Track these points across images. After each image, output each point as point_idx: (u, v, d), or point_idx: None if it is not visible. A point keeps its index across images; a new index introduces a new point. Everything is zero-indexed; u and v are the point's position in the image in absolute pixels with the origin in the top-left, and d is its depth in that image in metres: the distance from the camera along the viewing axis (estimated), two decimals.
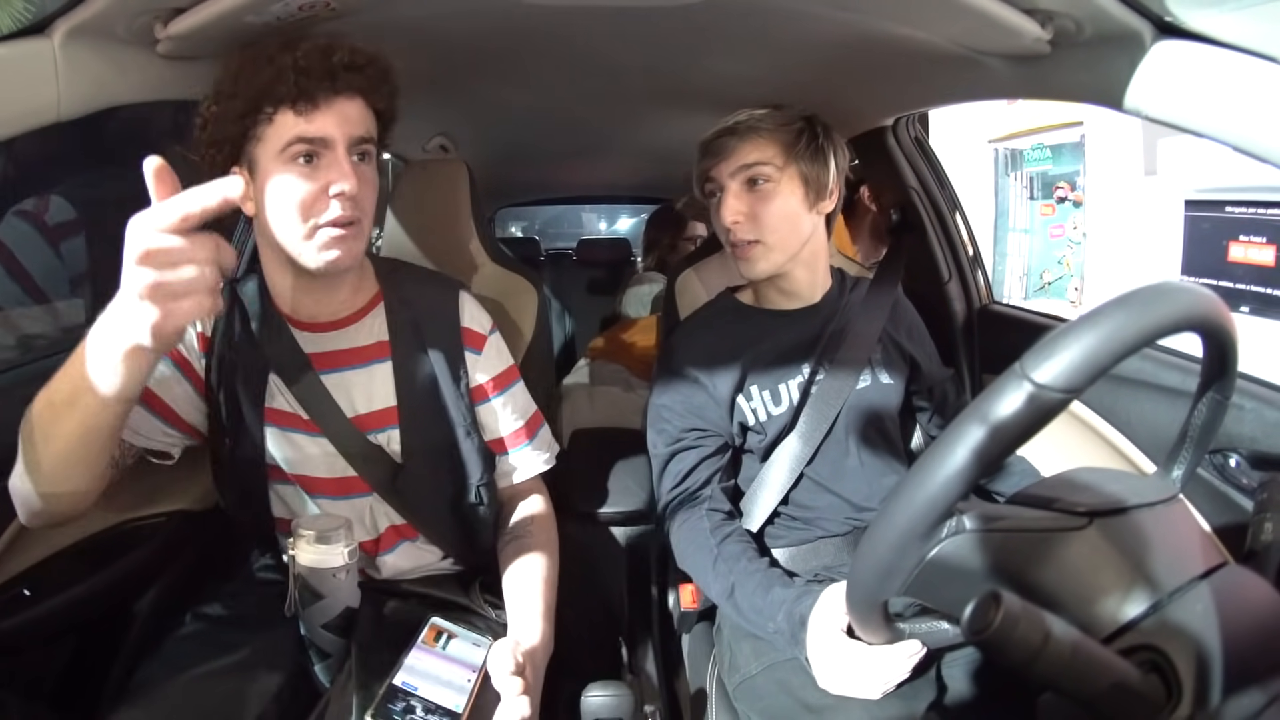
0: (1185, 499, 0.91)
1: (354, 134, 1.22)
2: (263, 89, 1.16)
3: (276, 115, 1.17)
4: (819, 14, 1.30)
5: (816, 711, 1.21)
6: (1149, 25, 1.06)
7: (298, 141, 1.17)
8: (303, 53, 1.17)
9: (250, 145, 1.20)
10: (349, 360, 1.36)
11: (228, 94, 1.18)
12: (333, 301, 1.36)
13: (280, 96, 1.16)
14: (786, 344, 1.54)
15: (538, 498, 1.52)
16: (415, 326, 1.41)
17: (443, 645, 1.16)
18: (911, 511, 0.76)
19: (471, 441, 1.43)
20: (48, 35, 1.04)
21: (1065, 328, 0.69)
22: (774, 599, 1.29)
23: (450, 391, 1.41)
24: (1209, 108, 1.03)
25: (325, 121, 1.19)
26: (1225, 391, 0.86)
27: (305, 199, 1.18)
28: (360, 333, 1.38)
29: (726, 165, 1.46)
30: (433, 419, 1.40)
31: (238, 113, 1.18)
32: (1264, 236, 6.59)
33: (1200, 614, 0.71)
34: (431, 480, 1.41)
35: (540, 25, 1.42)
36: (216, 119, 1.20)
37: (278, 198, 1.19)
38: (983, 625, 0.62)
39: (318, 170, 1.19)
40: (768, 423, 1.51)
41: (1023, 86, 1.36)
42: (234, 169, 1.22)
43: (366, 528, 1.38)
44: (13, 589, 1.35)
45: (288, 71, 1.15)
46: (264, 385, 1.32)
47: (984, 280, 2.16)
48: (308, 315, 1.35)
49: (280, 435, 1.33)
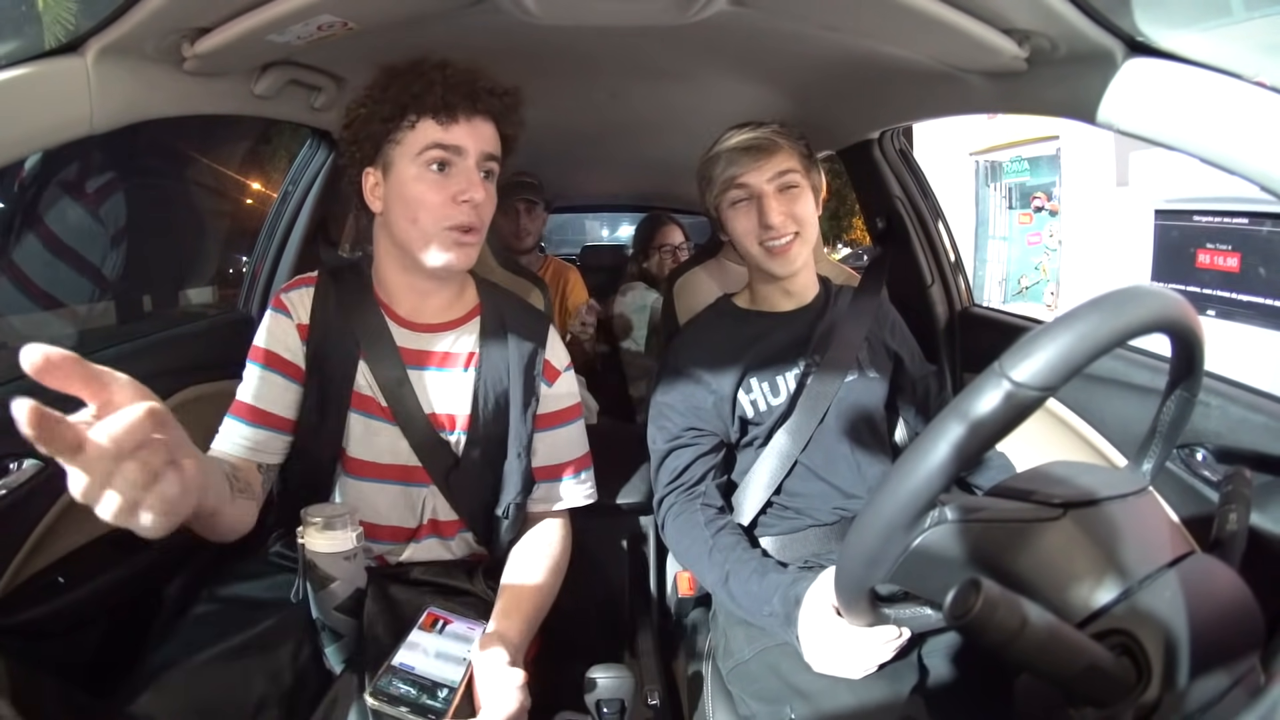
0: (1154, 491, 0.91)
1: (484, 149, 1.29)
2: (410, 97, 1.24)
3: (419, 122, 1.25)
4: (810, 35, 1.30)
5: (805, 694, 1.21)
6: (1121, 44, 1.06)
7: (435, 147, 1.25)
8: (451, 71, 1.25)
9: (388, 147, 1.27)
10: (438, 363, 1.39)
11: (376, 98, 1.27)
12: (436, 304, 1.40)
13: (425, 106, 1.24)
14: (783, 341, 1.57)
15: (562, 529, 1.50)
16: (504, 346, 1.43)
17: (439, 630, 1.17)
18: (896, 503, 0.76)
19: (520, 462, 1.43)
20: (81, 54, 1.05)
21: (1041, 329, 0.69)
22: (769, 583, 1.30)
23: (518, 413, 1.42)
24: (1178, 122, 1.03)
25: (461, 134, 1.26)
26: (1192, 390, 0.86)
27: (435, 202, 1.25)
28: (453, 340, 1.40)
29: (762, 173, 1.48)
30: (495, 433, 1.41)
31: (382, 115, 1.26)
32: (1229, 245, 6.62)
33: (1169, 600, 0.71)
34: (476, 485, 1.42)
35: (549, 43, 1.42)
36: (363, 119, 1.28)
37: (408, 198, 1.26)
38: (963, 610, 0.62)
39: (449, 178, 1.26)
40: (766, 413, 1.53)
41: (1001, 102, 1.36)
42: (368, 169, 1.31)
43: (414, 516, 1.40)
44: (48, 576, 1.35)
45: (436, 85, 1.23)
46: (354, 369, 1.35)
47: (965, 284, 2.16)
48: (409, 313, 1.38)
49: (358, 419, 1.36)
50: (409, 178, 1.25)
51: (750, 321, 1.62)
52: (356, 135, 1.29)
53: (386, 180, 1.28)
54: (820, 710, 1.19)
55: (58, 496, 1.33)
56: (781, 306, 1.62)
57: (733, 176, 1.50)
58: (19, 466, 1.26)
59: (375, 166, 1.30)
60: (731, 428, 1.55)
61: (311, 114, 1.67)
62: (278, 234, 2.09)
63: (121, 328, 2.69)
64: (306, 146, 2.04)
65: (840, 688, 1.18)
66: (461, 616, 1.21)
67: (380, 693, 1.02)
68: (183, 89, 1.25)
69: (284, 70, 1.44)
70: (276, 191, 2.23)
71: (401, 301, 1.38)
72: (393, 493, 1.37)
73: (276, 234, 2.09)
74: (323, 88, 1.58)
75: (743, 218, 1.52)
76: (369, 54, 1.39)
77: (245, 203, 4.01)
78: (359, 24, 1.20)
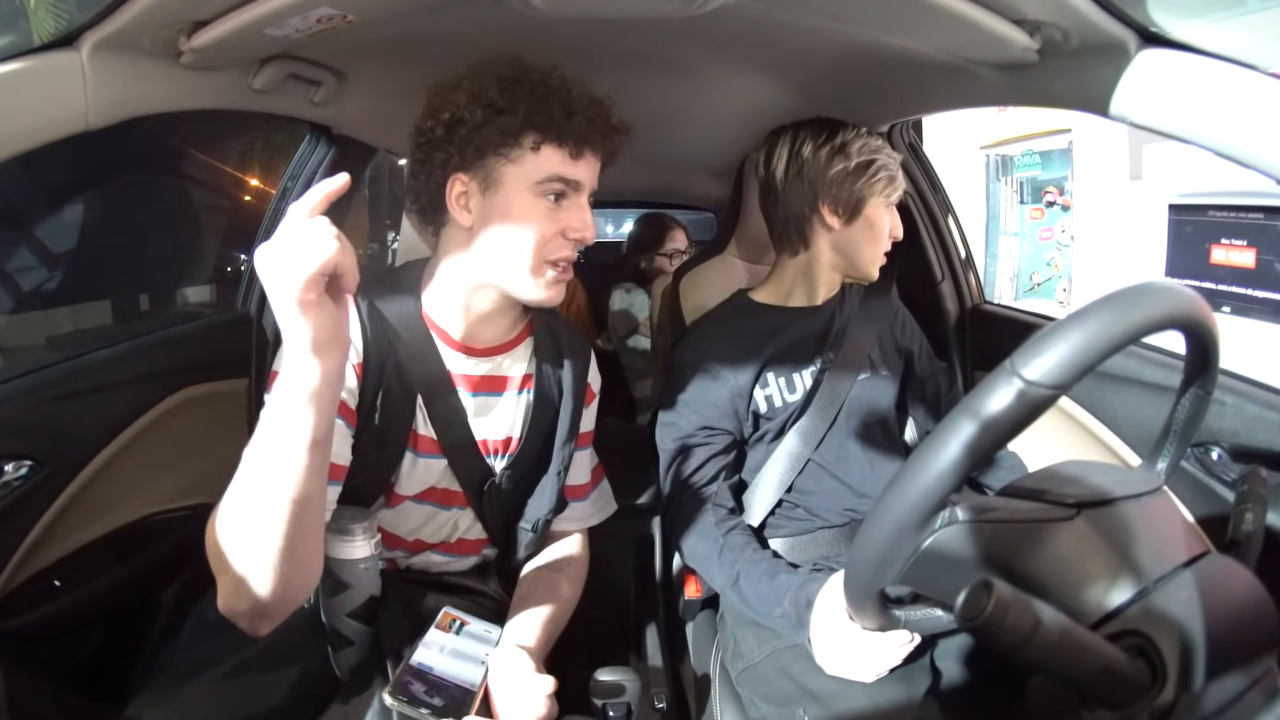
0: (1169, 491, 0.91)
1: (594, 186, 1.25)
2: (543, 120, 1.16)
3: (544, 147, 1.17)
4: (817, 26, 1.30)
5: (818, 697, 1.22)
6: (1134, 35, 1.06)
7: (558, 180, 1.18)
8: (589, 101, 1.20)
9: (498, 162, 1.18)
10: (494, 387, 1.34)
11: (496, 106, 1.16)
12: (498, 329, 1.33)
13: (558, 134, 1.17)
14: (802, 336, 1.59)
15: (581, 544, 1.52)
16: (558, 368, 1.40)
17: (456, 630, 1.17)
18: (906, 503, 0.76)
19: (558, 480, 1.41)
20: (76, 48, 1.05)
21: (1053, 327, 0.69)
22: (780, 585, 1.30)
23: (564, 434, 1.40)
24: (1192, 115, 1.03)
25: (583, 169, 1.21)
26: (1208, 387, 0.86)
27: (545, 233, 1.18)
28: (510, 362, 1.36)
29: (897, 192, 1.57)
30: (538, 453, 1.40)
31: (501, 128, 1.16)
32: (1245, 239, 6.61)
33: (1184, 601, 0.71)
34: (509, 502, 1.40)
35: (551, 38, 1.42)
36: (475, 125, 1.17)
37: (518, 223, 1.18)
38: (975, 612, 0.62)
39: (563, 210, 1.20)
40: (781, 408, 1.55)
41: (1012, 94, 1.36)
42: (458, 175, 1.20)
43: (442, 533, 1.38)
44: (44, 580, 1.35)
45: (576, 115, 1.17)
46: (413, 409, 1.27)
47: (975, 281, 2.16)
48: (468, 337, 1.30)
49: (410, 456, 1.29)
50: (521, 204, 1.18)
51: (769, 316, 1.63)
52: (455, 138, 1.18)
53: (485, 195, 1.19)
54: (834, 712, 1.19)
55: (53, 499, 1.34)
56: (804, 302, 1.64)
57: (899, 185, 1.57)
58: (13, 468, 1.25)
59: (470, 174, 1.19)
60: (745, 423, 1.56)
61: (311, 109, 1.67)
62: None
63: (118, 326, 2.70)
64: (305, 142, 2.03)
65: (854, 690, 1.19)
66: (478, 617, 1.22)
67: (400, 692, 1.03)
68: (179, 84, 1.24)
69: (283, 64, 1.44)
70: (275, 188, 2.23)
71: (458, 323, 1.28)
72: (425, 512, 1.35)
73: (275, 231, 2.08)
74: (322, 82, 1.58)
75: (887, 218, 1.57)
76: (370, 47, 1.39)
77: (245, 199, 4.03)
78: (359, 16, 1.20)
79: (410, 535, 1.36)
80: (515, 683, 1.10)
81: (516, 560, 1.45)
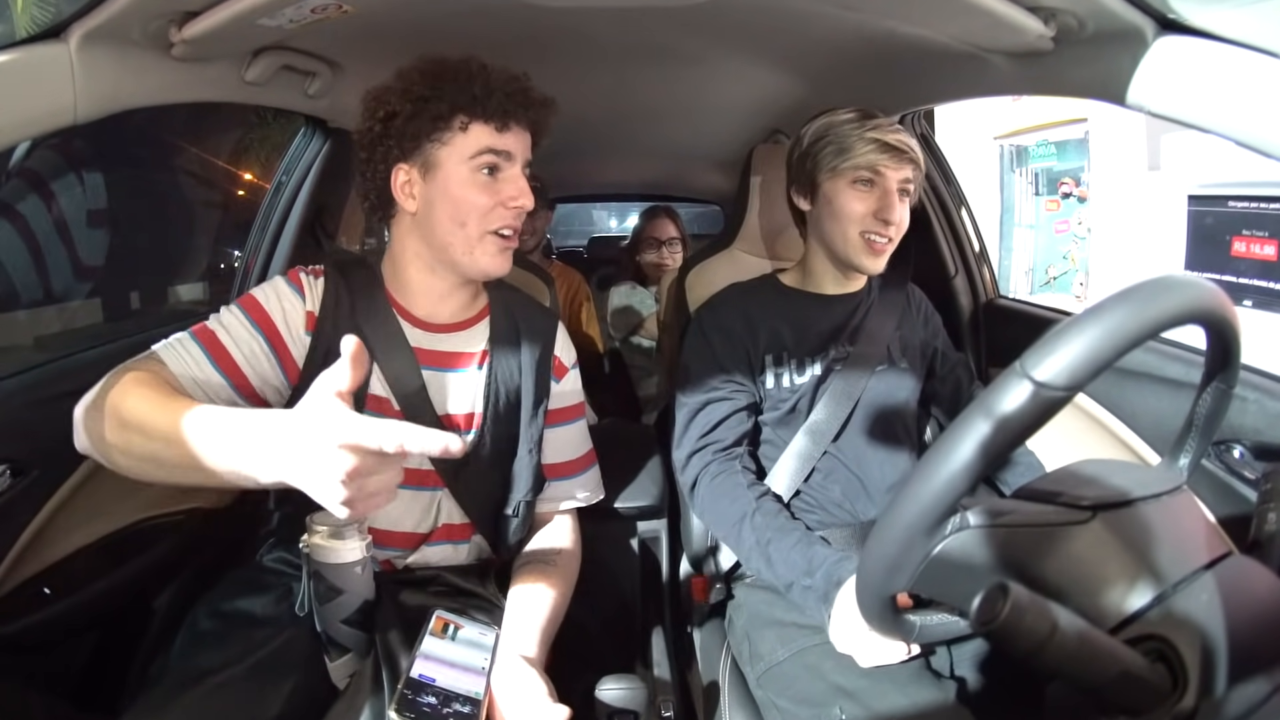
0: (1190, 490, 0.91)
1: (527, 156, 1.35)
2: (467, 100, 1.26)
3: (472, 125, 1.27)
4: (827, 13, 1.30)
5: (851, 694, 1.22)
6: (1151, 21, 1.06)
7: (488, 152, 1.28)
8: (506, 78, 1.29)
9: (432, 147, 1.28)
10: (451, 363, 1.41)
11: (424, 96, 1.26)
12: (453, 305, 1.43)
13: (482, 110, 1.27)
14: (822, 323, 1.62)
15: (571, 530, 1.54)
16: (515, 344, 1.47)
17: (451, 636, 1.17)
18: (916, 508, 0.76)
19: (531, 459, 1.47)
20: (64, 40, 1.05)
21: (1065, 325, 0.68)
22: (817, 555, 1.31)
23: (529, 410, 1.46)
24: (1212, 103, 1.02)
25: (512, 139, 1.31)
26: (1229, 383, 0.86)
27: (486, 206, 1.29)
28: (467, 339, 1.43)
29: (897, 173, 1.51)
30: (506, 431, 1.45)
31: (431, 114, 1.26)
32: (1267, 231, 6.58)
33: (1205, 604, 0.71)
34: (486, 483, 1.44)
35: (550, 25, 1.42)
36: (406, 117, 1.27)
37: (457, 200, 1.29)
38: (990, 616, 0.62)
39: (499, 182, 1.31)
40: (789, 390, 1.57)
41: (1027, 83, 1.36)
42: (400, 165, 1.30)
43: (428, 520, 1.40)
44: (34, 587, 1.35)
45: (496, 92, 1.27)
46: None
47: (990, 275, 2.16)
48: (425, 314, 1.40)
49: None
50: (459, 180, 1.28)
51: (794, 298, 1.66)
52: (391, 131, 1.28)
53: (426, 180, 1.30)
54: (873, 710, 1.19)
55: (42, 505, 1.34)
56: (831, 290, 1.66)
57: (871, 163, 1.49)
58: (2, 474, 1.25)
59: (410, 164, 1.30)
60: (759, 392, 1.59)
61: (306, 101, 1.67)
62: (271, 225, 2.09)
63: (108, 325, 2.70)
64: (300, 135, 2.04)
65: (887, 687, 1.20)
66: (471, 620, 1.21)
67: (405, 707, 1.02)
68: (170, 76, 1.25)
69: (276, 56, 1.44)
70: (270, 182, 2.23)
71: (418, 302, 1.40)
72: (405, 497, 1.37)
73: (270, 225, 2.09)
74: (317, 73, 1.58)
75: (857, 199, 1.52)
76: (365, 38, 1.39)
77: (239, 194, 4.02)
78: (355, 6, 1.20)
79: (398, 527, 1.38)
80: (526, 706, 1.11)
81: (507, 547, 1.47)
